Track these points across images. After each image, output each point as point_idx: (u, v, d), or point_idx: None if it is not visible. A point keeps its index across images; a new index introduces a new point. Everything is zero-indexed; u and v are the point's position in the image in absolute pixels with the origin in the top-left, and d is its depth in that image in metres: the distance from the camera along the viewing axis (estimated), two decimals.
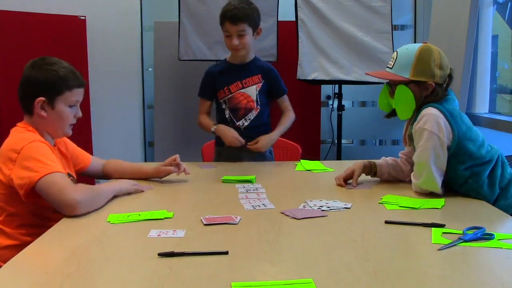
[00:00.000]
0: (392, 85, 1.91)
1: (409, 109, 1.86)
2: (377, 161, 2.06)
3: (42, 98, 1.73)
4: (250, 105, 2.56)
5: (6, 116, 3.49)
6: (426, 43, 1.87)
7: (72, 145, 2.03)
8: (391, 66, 1.88)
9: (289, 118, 2.64)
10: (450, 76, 1.87)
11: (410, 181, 2.03)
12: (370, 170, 2.04)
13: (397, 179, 2.05)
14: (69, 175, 1.87)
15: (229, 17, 2.42)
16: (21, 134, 1.73)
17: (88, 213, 1.65)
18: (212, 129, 2.54)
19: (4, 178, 1.65)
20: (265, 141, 2.51)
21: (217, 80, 2.59)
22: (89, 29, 3.94)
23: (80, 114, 1.85)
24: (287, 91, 2.67)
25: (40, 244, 1.38)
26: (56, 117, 1.76)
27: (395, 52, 1.90)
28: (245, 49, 2.51)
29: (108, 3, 4.08)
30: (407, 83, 1.83)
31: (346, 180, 2.01)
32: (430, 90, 1.83)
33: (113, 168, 2.13)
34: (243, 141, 2.47)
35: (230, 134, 2.47)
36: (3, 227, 1.68)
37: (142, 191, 1.91)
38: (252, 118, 2.56)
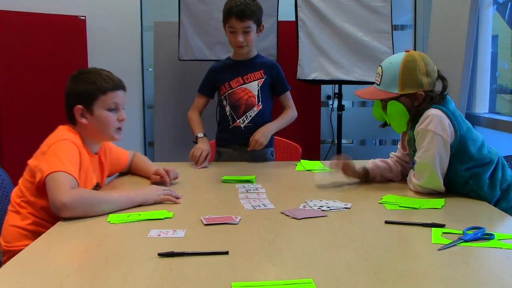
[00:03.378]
0: (383, 100, 1.91)
1: (403, 122, 1.87)
2: (368, 166, 2.05)
3: (80, 106, 1.80)
4: (251, 101, 2.54)
5: (6, 116, 3.49)
6: (408, 51, 1.86)
7: (115, 149, 2.10)
8: (378, 83, 1.88)
9: (289, 114, 2.62)
10: (442, 78, 1.86)
11: (401, 181, 2.04)
12: (363, 175, 2.04)
13: (388, 179, 2.06)
14: (97, 185, 1.91)
15: (235, 13, 2.41)
16: (61, 132, 1.79)
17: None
18: (198, 135, 2.52)
19: (35, 168, 1.70)
20: (260, 132, 2.46)
21: (218, 76, 2.59)
22: (89, 29, 3.93)
23: (123, 116, 1.87)
24: (290, 88, 2.65)
25: (40, 244, 1.38)
26: (97, 122, 1.82)
27: (380, 67, 1.89)
28: (248, 46, 2.51)
29: (108, 3, 4.08)
30: (397, 98, 1.84)
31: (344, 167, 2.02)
32: (420, 99, 1.83)
33: (138, 168, 2.20)
34: (193, 161, 2.41)
35: (193, 151, 2.43)
36: (19, 208, 1.74)
37: (175, 203, 1.76)
38: (253, 115, 2.54)
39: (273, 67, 2.60)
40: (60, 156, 1.66)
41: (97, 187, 1.91)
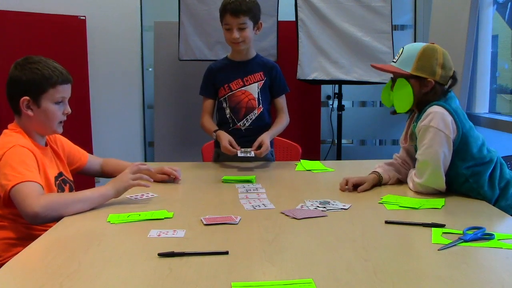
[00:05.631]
0: (394, 79, 1.92)
1: (406, 103, 1.86)
2: (380, 172, 1.99)
3: (27, 98, 1.74)
4: (251, 104, 2.51)
5: (5, 116, 3.48)
6: (433, 43, 1.88)
7: (68, 144, 2.03)
8: (395, 61, 1.90)
9: (284, 122, 2.55)
10: (454, 78, 1.88)
11: (401, 181, 2.02)
12: (379, 182, 1.99)
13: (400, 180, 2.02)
14: (61, 174, 1.88)
15: (230, 9, 2.38)
16: (6, 138, 1.75)
17: (88, 212, 1.65)
18: (214, 136, 2.47)
19: None
20: (267, 138, 2.37)
21: (218, 77, 2.54)
22: (89, 29, 3.94)
23: (69, 110, 1.83)
24: (288, 90, 2.61)
25: (40, 244, 1.38)
26: (43, 115, 1.77)
27: (402, 48, 1.92)
28: (245, 42, 2.46)
29: (108, 3, 4.08)
30: (408, 77, 1.84)
31: (355, 186, 1.93)
32: (429, 87, 1.83)
33: (113, 168, 2.14)
34: (234, 151, 2.32)
35: (223, 144, 2.34)
36: None
37: (147, 186, 1.83)
38: (253, 118, 2.51)
39: (272, 68, 2.56)
40: (15, 166, 1.62)
41: (61, 176, 1.87)
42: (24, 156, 1.67)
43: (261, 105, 2.53)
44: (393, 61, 1.92)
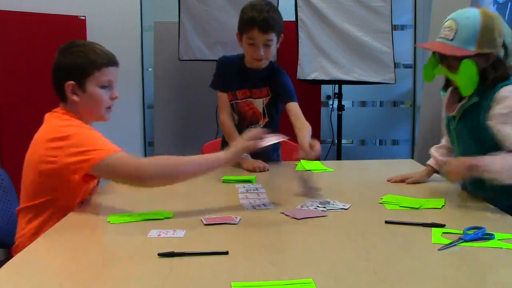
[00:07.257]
0: (449, 58, 1.74)
1: (473, 84, 1.70)
2: (432, 165, 1.98)
3: (71, 82, 1.69)
4: (256, 117, 2.43)
5: (6, 116, 3.49)
6: (479, 6, 1.73)
7: None
8: (451, 38, 1.71)
9: (309, 129, 2.20)
10: (505, 46, 1.71)
11: (401, 181, 2.02)
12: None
13: None
14: None
15: (259, 23, 2.16)
16: (62, 121, 1.70)
17: (88, 212, 1.65)
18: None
19: (46, 167, 1.62)
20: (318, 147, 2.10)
21: (227, 76, 2.40)
22: (89, 29, 3.93)
23: (116, 95, 1.78)
24: (295, 97, 2.37)
25: (40, 244, 1.38)
26: (89, 99, 1.72)
27: (451, 21, 1.74)
28: (267, 60, 2.30)
29: (108, 3, 4.08)
30: (472, 56, 1.68)
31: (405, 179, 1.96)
32: (491, 61, 1.69)
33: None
34: (263, 166, 2.25)
35: (250, 163, 2.25)
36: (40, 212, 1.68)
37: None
38: (258, 127, 2.39)
39: (277, 77, 2.37)
40: (93, 140, 1.62)
41: None
42: (93, 131, 1.66)
43: (266, 117, 2.45)
44: (445, 38, 1.72)
